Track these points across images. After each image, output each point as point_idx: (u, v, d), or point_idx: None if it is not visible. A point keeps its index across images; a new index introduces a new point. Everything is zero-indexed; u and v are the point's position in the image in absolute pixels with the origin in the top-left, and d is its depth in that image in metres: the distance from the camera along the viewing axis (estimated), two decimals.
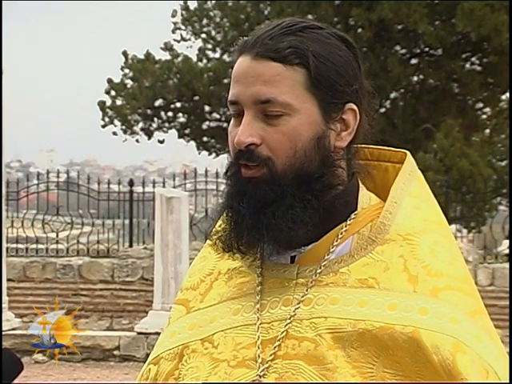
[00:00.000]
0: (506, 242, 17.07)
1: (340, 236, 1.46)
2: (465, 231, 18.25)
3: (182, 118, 24.36)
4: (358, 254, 1.45)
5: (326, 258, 1.45)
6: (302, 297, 1.43)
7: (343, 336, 1.38)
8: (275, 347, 1.41)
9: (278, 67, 1.42)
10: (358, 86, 1.46)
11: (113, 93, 23.70)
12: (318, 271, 1.44)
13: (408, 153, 1.56)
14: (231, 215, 1.44)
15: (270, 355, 1.40)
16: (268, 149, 1.41)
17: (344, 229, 1.46)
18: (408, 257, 1.43)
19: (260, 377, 1.40)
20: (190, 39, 24.38)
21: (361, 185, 1.51)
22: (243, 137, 1.41)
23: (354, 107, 1.46)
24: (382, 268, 1.43)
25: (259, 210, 1.41)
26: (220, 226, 1.50)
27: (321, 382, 1.37)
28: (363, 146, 1.54)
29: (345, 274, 1.43)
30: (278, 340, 1.41)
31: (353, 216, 1.47)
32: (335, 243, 1.46)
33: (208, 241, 1.63)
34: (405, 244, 1.44)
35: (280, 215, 1.41)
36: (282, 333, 1.41)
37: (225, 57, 23.80)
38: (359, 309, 1.39)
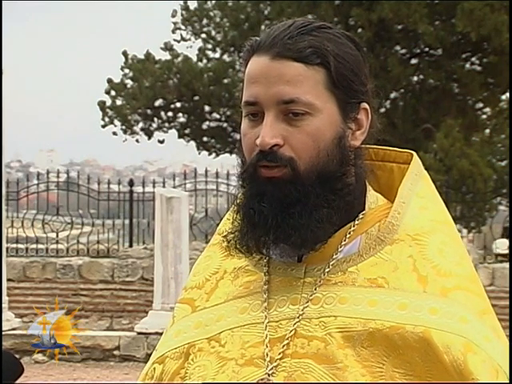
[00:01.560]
0: (498, 243, 17.08)
1: (348, 236, 1.46)
2: (465, 231, 18.25)
3: (182, 118, 24.36)
4: (366, 254, 1.45)
5: (335, 257, 1.45)
6: (311, 296, 1.43)
7: (353, 335, 1.38)
8: (284, 346, 1.40)
9: (299, 67, 1.41)
10: (369, 85, 1.47)
11: (113, 93, 23.71)
12: (327, 270, 1.44)
13: (414, 153, 1.56)
14: (251, 216, 1.41)
15: (279, 354, 1.40)
16: (291, 149, 1.41)
17: (352, 228, 1.46)
18: (417, 257, 1.43)
19: (269, 375, 1.39)
20: (189, 39, 24.38)
21: (368, 185, 1.52)
22: (268, 138, 1.40)
23: (367, 107, 1.47)
24: (391, 268, 1.43)
25: (283, 210, 1.40)
26: (228, 227, 1.49)
27: (331, 381, 1.36)
28: (368, 146, 1.54)
29: (353, 273, 1.43)
30: (287, 339, 1.41)
31: (361, 216, 1.48)
32: (343, 243, 1.46)
33: (212, 240, 1.63)
34: (414, 244, 1.44)
35: (307, 215, 1.40)
36: (291, 331, 1.41)
37: (225, 57, 23.81)
38: (369, 308, 1.39)
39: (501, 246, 16.80)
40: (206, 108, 23.56)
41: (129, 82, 23.63)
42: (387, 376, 1.36)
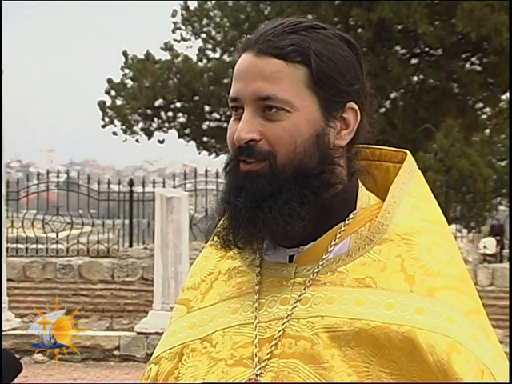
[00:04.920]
0: (485, 242, 17.08)
1: (338, 235, 1.46)
2: (465, 231, 18.26)
3: (182, 118, 24.40)
4: (355, 254, 1.45)
5: (324, 257, 1.45)
6: (300, 296, 1.43)
7: (339, 335, 1.38)
8: (272, 346, 1.41)
9: (279, 64, 1.42)
10: (359, 86, 1.46)
11: (113, 93, 23.75)
12: (316, 270, 1.45)
13: (408, 152, 1.56)
14: (229, 210, 1.44)
15: (267, 354, 1.41)
16: (268, 143, 1.42)
17: (342, 228, 1.46)
18: (405, 256, 1.43)
19: (257, 375, 1.40)
20: (190, 39, 24.42)
21: (360, 185, 1.51)
22: (243, 133, 1.42)
23: (355, 107, 1.46)
24: (379, 267, 1.43)
25: (256, 204, 1.41)
26: (222, 223, 1.50)
27: (317, 381, 1.37)
28: (365, 146, 1.54)
29: (342, 273, 1.44)
30: (275, 339, 1.41)
31: (351, 216, 1.47)
32: (333, 243, 1.46)
33: (210, 241, 1.64)
34: (402, 244, 1.44)
35: (277, 209, 1.41)
36: (279, 332, 1.42)
37: (225, 57, 23.83)
38: (356, 308, 1.39)
39: (488, 245, 16.72)
40: (206, 108, 23.61)
41: (129, 82, 23.66)
42: (373, 376, 1.36)
